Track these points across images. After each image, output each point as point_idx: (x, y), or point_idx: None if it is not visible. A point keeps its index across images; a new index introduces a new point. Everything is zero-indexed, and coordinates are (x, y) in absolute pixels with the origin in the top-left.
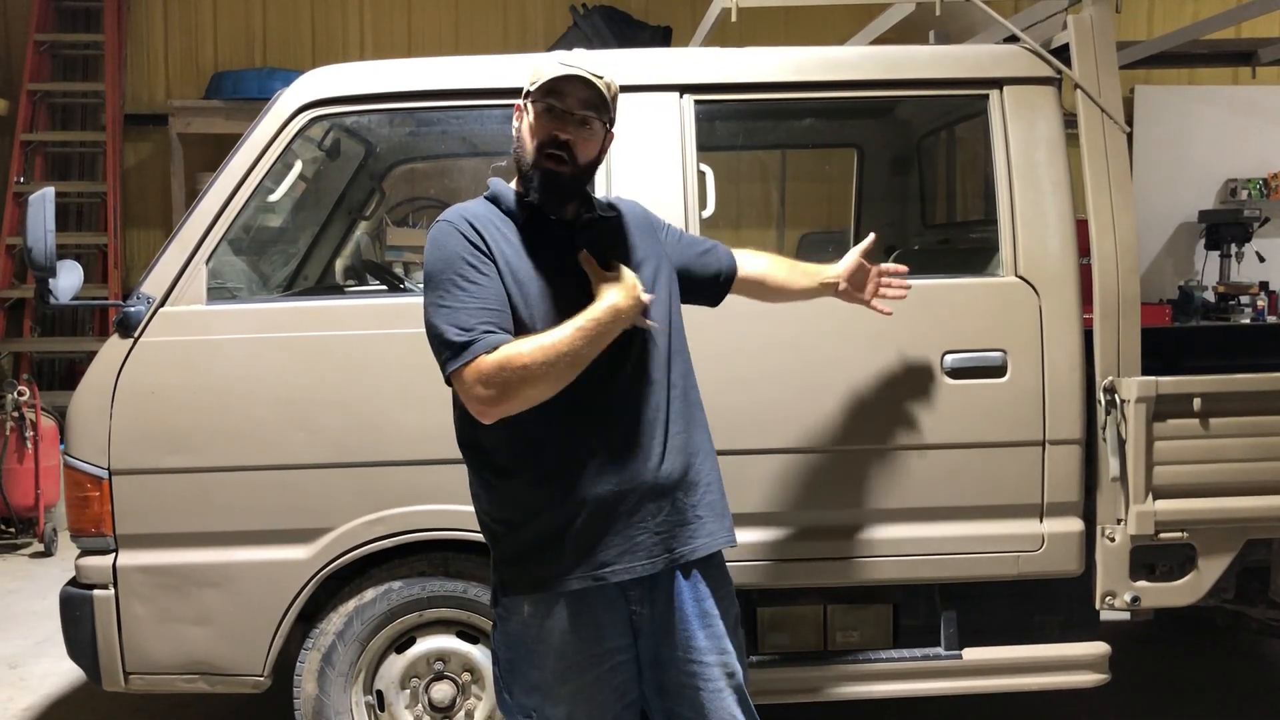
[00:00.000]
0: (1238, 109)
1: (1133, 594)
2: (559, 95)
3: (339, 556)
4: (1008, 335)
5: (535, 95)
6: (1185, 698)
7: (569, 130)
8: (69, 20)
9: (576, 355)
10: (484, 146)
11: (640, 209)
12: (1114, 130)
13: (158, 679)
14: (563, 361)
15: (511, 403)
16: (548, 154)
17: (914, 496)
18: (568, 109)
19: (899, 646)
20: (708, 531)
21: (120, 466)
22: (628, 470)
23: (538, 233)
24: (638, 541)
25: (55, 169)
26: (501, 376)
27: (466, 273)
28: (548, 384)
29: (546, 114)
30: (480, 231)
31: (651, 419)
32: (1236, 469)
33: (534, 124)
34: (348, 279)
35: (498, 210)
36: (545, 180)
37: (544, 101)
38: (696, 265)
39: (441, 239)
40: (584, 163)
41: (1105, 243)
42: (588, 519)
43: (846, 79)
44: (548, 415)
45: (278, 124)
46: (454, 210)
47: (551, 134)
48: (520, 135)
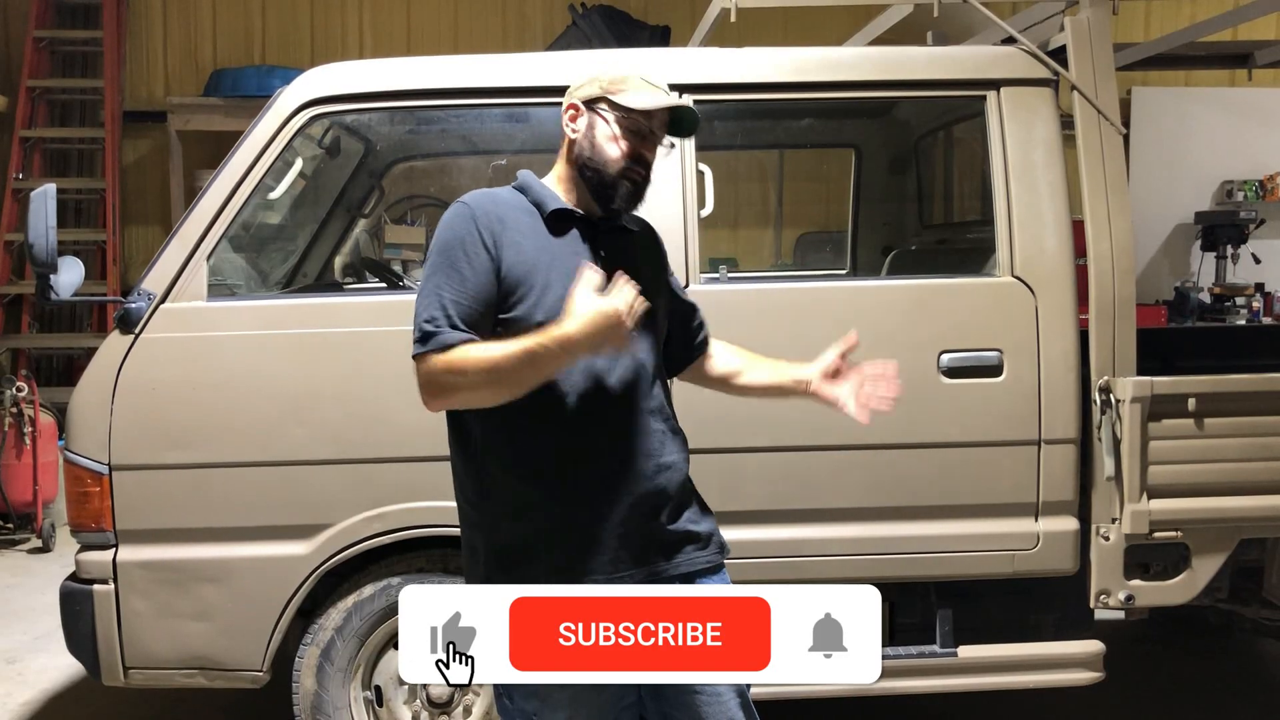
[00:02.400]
0: (1234, 111)
1: (1127, 593)
2: (649, 116)
3: (338, 552)
4: (1004, 335)
5: (622, 111)
6: (1179, 696)
7: (652, 151)
8: (68, 17)
9: (519, 378)
10: (483, 145)
11: (652, 227)
12: (1110, 132)
13: (157, 674)
14: (503, 382)
15: (448, 403)
16: (631, 170)
17: (910, 495)
18: (654, 131)
19: (895, 644)
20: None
21: (120, 462)
22: (616, 478)
23: (562, 226)
24: (622, 551)
25: (54, 165)
26: (444, 379)
27: (458, 261)
28: (485, 396)
29: (633, 133)
30: (493, 222)
31: (644, 429)
32: (1231, 469)
33: (617, 134)
34: (347, 276)
35: (524, 200)
36: (629, 190)
37: (634, 120)
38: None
39: (452, 220)
40: (651, 173)
41: (1101, 243)
42: (573, 523)
43: (845, 79)
44: (540, 414)
45: (278, 122)
46: (477, 195)
47: (640, 152)
48: (593, 138)
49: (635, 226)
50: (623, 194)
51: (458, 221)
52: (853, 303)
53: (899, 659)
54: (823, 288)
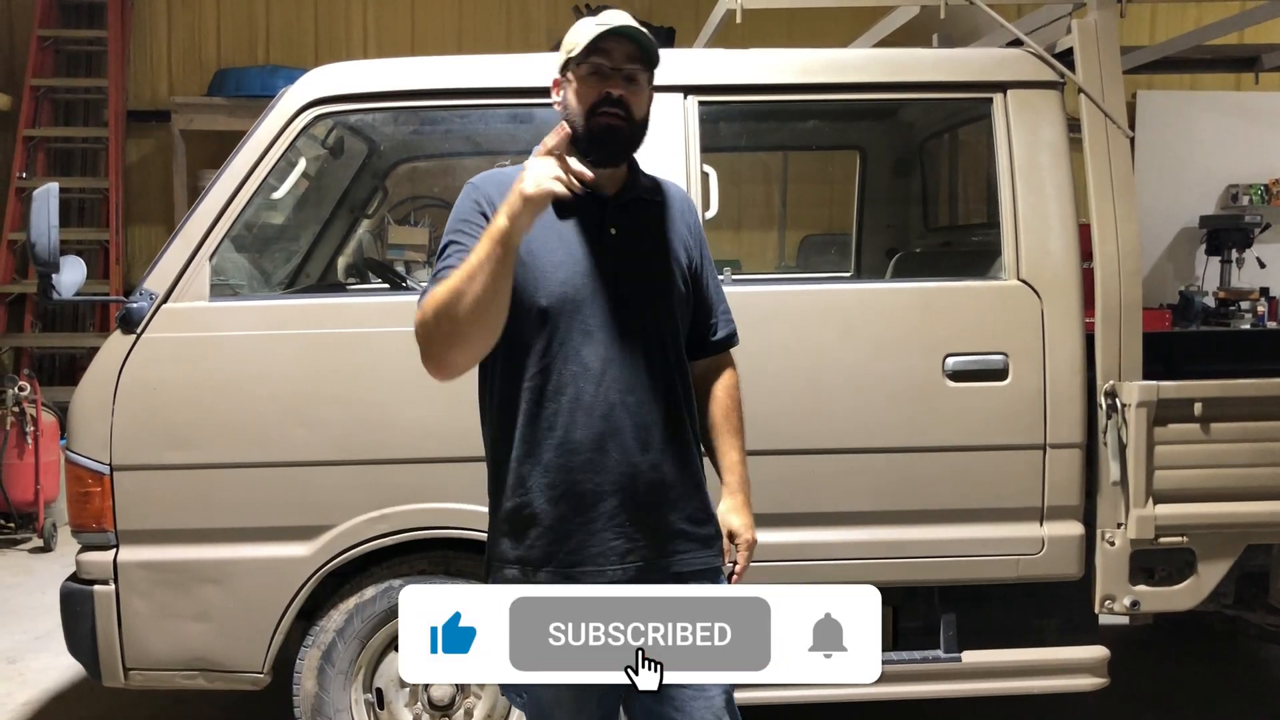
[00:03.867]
0: (1240, 114)
1: (1132, 598)
2: (604, 54)
3: (340, 554)
4: (1009, 338)
5: (578, 58)
6: (1184, 703)
7: (619, 86)
8: (72, 16)
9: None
10: (487, 146)
11: (686, 198)
12: (1117, 135)
13: (157, 675)
14: (457, 305)
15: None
16: (602, 112)
17: (914, 499)
18: (615, 65)
19: (898, 648)
20: (686, 546)
21: (122, 462)
22: (611, 471)
23: (570, 203)
24: (612, 546)
25: (58, 164)
26: (424, 321)
27: (459, 238)
28: (455, 334)
29: (593, 76)
30: (495, 197)
31: (643, 421)
32: (1237, 474)
33: (580, 89)
34: (350, 277)
35: None
36: (603, 133)
37: (589, 63)
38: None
39: (461, 200)
40: (639, 117)
41: (1107, 247)
42: (563, 512)
43: (850, 81)
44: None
45: (282, 121)
46: (484, 174)
47: (603, 92)
48: (567, 106)
49: (657, 197)
50: (600, 140)
51: (462, 201)
52: (857, 305)
53: (903, 664)
54: (827, 290)
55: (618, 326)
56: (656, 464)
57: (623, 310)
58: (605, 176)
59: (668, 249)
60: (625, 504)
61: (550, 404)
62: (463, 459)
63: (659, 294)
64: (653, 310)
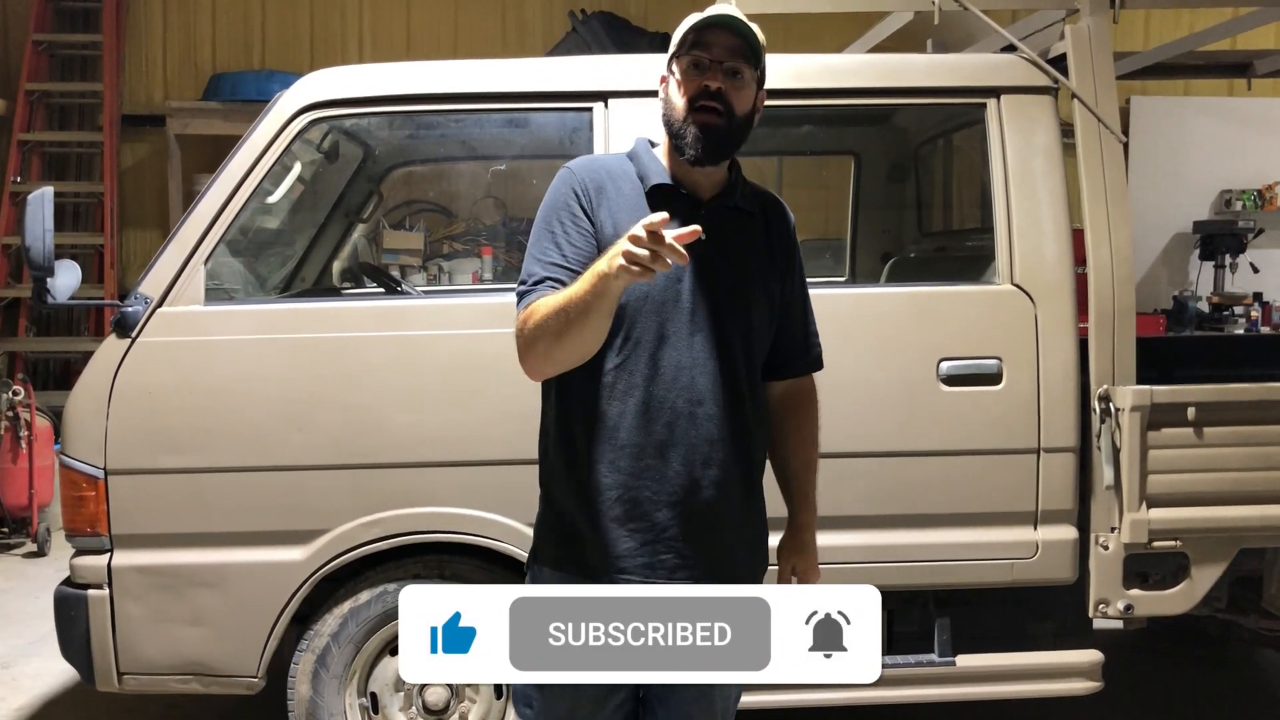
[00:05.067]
0: (1233, 120)
1: (1126, 602)
2: (705, 46)
3: (335, 558)
4: (1003, 343)
5: (679, 52)
6: (1177, 707)
7: (719, 80)
8: (67, 20)
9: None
10: (482, 150)
11: (786, 214)
12: (1110, 140)
13: (151, 679)
14: (560, 327)
15: (535, 363)
16: (700, 106)
17: (908, 503)
18: (716, 59)
19: (893, 653)
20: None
21: (116, 466)
22: (671, 481)
23: (662, 201)
24: (662, 559)
25: (52, 169)
26: (521, 336)
27: (555, 227)
28: (555, 348)
29: (694, 69)
30: (594, 188)
31: (710, 435)
32: (1230, 478)
33: (681, 82)
34: (345, 281)
35: (631, 168)
36: (701, 130)
37: (690, 55)
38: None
39: (556, 184)
40: (740, 114)
41: (1101, 252)
42: (617, 517)
43: (845, 86)
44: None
45: (277, 126)
46: (582, 159)
47: (702, 85)
48: (668, 101)
49: (754, 208)
50: (693, 138)
51: (558, 185)
52: (852, 310)
53: (897, 667)
54: (822, 295)
55: (694, 335)
56: (718, 481)
57: (701, 320)
58: (702, 176)
59: (756, 265)
60: (681, 517)
61: (617, 404)
62: (457, 463)
63: (740, 309)
64: (732, 325)
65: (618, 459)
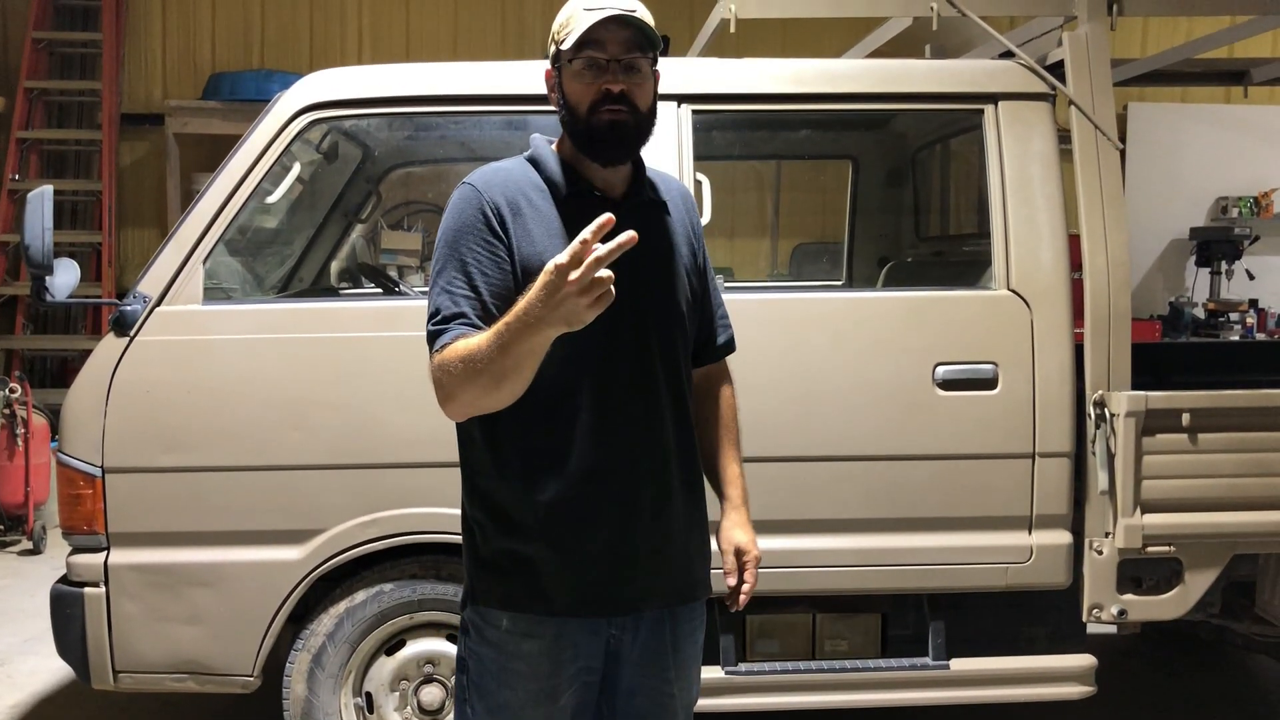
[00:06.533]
0: (1230, 127)
1: (1119, 607)
2: (598, 45)
3: (331, 558)
4: (999, 348)
5: (570, 53)
6: (1171, 712)
7: (619, 80)
8: (67, 19)
9: (494, 365)
10: (481, 151)
11: (686, 192)
12: (1107, 147)
13: (147, 678)
14: (482, 372)
15: (455, 406)
16: (604, 110)
17: (903, 507)
18: (612, 57)
19: (887, 656)
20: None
21: (114, 465)
22: (629, 501)
23: (576, 208)
24: (630, 578)
25: (51, 167)
26: (438, 378)
27: (466, 254)
28: (477, 393)
29: (589, 69)
30: (502, 205)
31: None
32: (1224, 484)
33: (576, 86)
34: (343, 281)
35: (536, 176)
36: (610, 128)
37: (582, 56)
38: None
39: (460, 204)
40: (645, 109)
41: (1097, 258)
42: (580, 545)
43: (843, 91)
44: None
45: (277, 126)
46: (483, 173)
47: (602, 89)
48: (566, 104)
49: (659, 196)
50: (601, 139)
51: (463, 205)
52: (848, 314)
53: (891, 671)
54: (819, 299)
55: (633, 345)
56: (672, 490)
57: (637, 327)
58: (612, 173)
59: (678, 255)
60: (640, 537)
61: (557, 428)
62: (454, 464)
63: (676, 312)
64: (668, 325)
65: (561, 488)
